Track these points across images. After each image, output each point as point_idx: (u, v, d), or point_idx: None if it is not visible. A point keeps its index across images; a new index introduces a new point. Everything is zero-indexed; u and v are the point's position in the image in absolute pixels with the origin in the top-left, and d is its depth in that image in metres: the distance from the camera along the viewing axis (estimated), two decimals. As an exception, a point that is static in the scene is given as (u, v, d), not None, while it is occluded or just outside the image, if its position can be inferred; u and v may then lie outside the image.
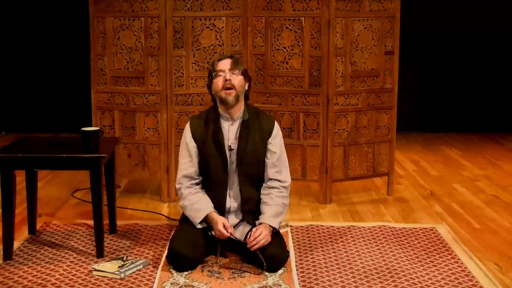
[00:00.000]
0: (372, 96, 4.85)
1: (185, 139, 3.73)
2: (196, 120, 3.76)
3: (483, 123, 7.76)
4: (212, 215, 3.58)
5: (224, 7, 4.74)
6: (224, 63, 3.66)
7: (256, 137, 3.69)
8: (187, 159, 3.71)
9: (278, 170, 3.71)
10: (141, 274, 3.48)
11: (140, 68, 4.75)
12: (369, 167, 4.96)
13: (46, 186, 5.25)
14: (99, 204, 3.65)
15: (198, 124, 3.72)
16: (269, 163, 3.71)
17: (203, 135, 3.69)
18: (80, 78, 6.27)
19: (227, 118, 3.69)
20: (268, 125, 3.73)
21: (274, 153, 3.71)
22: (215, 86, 3.65)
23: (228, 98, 3.61)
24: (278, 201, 3.65)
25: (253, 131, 3.68)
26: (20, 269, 3.53)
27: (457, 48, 7.67)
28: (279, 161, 3.72)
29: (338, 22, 4.66)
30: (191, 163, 3.71)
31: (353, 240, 4.04)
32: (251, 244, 3.45)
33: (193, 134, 3.70)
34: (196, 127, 3.71)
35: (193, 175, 3.71)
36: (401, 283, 3.38)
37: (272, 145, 3.72)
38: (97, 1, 4.75)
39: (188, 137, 3.71)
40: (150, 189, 5.17)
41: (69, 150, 3.69)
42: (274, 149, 3.71)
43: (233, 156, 3.67)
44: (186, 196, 3.67)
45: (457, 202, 4.95)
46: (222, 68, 3.64)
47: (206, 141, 3.68)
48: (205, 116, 3.75)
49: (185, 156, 3.72)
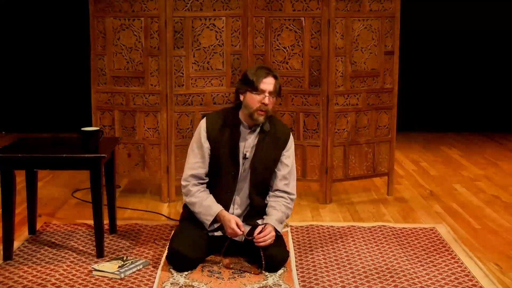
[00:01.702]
0: (372, 96, 4.85)
1: (199, 138, 3.64)
2: (212, 120, 3.66)
3: (483, 123, 7.76)
4: (223, 213, 3.55)
5: (224, 7, 4.74)
6: (269, 84, 3.55)
7: (271, 147, 3.65)
8: (198, 159, 3.65)
9: (287, 183, 3.70)
10: (141, 274, 3.48)
11: (140, 68, 4.75)
12: (369, 167, 4.96)
13: (46, 186, 5.24)
14: (99, 204, 3.65)
15: (214, 125, 3.63)
16: (279, 175, 3.68)
17: (219, 138, 3.61)
18: (80, 78, 6.26)
19: (246, 126, 3.64)
20: (284, 135, 3.70)
21: (286, 166, 3.69)
22: (250, 102, 3.55)
23: (259, 118, 3.57)
24: (284, 209, 3.65)
25: (269, 141, 3.64)
26: (20, 269, 3.53)
27: (457, 48, 7.67)
28: (290, 174, 3.71)
29: (338, 22, 4.66)
30: (202, 164, 3.64)
31: (353, 240, 4.04)
32: (259, 240, 3.44)
33: (208, 135, 3.62)
34: (212, 127, 3.62)
35: (202, 175, 3.66)
36: (401, 283, 3.38)
37: (285, 158, 3.69)
38: (97, 1, 4.75)
39: (203, 137, 3.62)
40: (150, 189, 5.17)
41: (69, 150, 3.69)
42: (287, 162, 3.69)
43: (246, 164, 3.63)
44: (195, 193, 3.62)
45: (457, 202, 4.95)
46: (265, 88, 3.54)
47: (221, 145, 3.61)
48: (222, 117, 3.65)
49: (197, 155, 3.65)
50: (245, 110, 3.59)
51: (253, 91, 3.54)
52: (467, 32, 7.61)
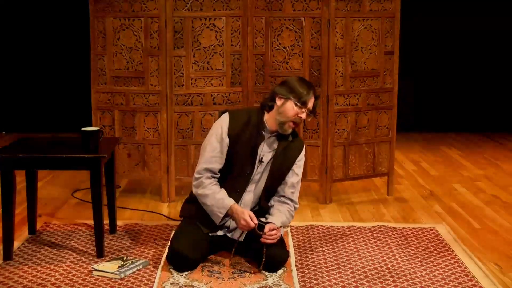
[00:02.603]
0: (372, 96, 4.85)
1: (220, 132, 3.58)
2: (236, 116, 3.63)
3: (483, 123, 7.76)
4: (236, 206, 3.53)
5: (224, 7, 4.74)
6: (310, 102, 3.54)
7: (288, 156, 3.67)
8: (216, 153, 3.59)
9: (294, 191, 3.71)
10: (141, 274, 3.48)
11: (140, 68, 4.75)
12: (369, 167, 4.96)
13: (46, 186, 5.24)
14: (99, 204, 3.65)
15: (237, 122, 3.60)
16: (289, 182, 3.68)
17: (240, 136, 3.58)
18: (80, 78, 6.26)
19: (268, 131, 3.63)
20: (299, 145, 3.72)
21: (296, 175, 3.70)
22: (289, 111, 3.53)
23: (288, 130, 3.58)
24: (288, 215, 3.67)
25: (288, 150, 3.66)
26: (20, 269, 3.53)
27: (457, 48, 7.68)
28: (297, 184, 3.73)
29: (338, 22, 4.66)
30: (219, 159, 3.60)
31: (353, 240, 4.04)
32: (269, 237, 3.43)
33: (230, 131, 3.58)
34: (235, 125, 3.59)
35: (216, 171, 3.62)
36: (401, 283, 3.38)
37: (297, 167, 3.71)
38: (97, 1, 4.75)
39: (225, 132, 3.57)
40: (150, 189, 5.17)
41: (69, 150, 3.68)
42: (298, 171, 3.71)
43: (260, 168, 3.63)
44: (207, 185, 3.57)
45: (457, 202, 4.95)
46: (309, 105, 3.54)
47: (240, 145, 3.59)
48: (247, 116, 3.63)
49: (215, 149, 3.59)
50: (278, 116, 3.56)
51: (298, 102, 3.52)
52: (467, 32, 7.62)
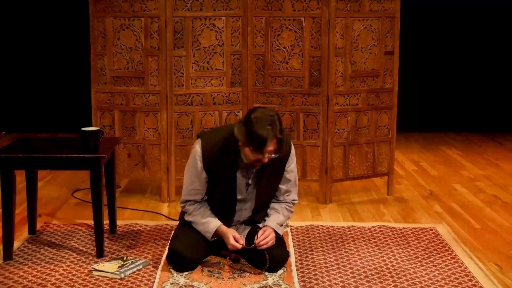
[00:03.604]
0: (372, 96, 4.85)
1: (196, 166, 3.47)
2: (209, 145, 3.46)
3: (483, 123, 7.76)
4: (221, 228, 3.51)
5: (224, 7, 4.74)
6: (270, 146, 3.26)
7: (274, 170, 3.54)
8: (196, 186, 3.53)
9: (289, 195, 3.69)
10: (141, 274, 3.48)
11: (140, 68, 4.75)
12: (369, 167, 4.95)
13: (46, 186, 5.24)
14: (99, 204, 3.65)
15: (211, 152, 3.44)
16: (282, 189, 3.64)
17: (217, 167, 3.46)
18: (80, 78, 6.26)
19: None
20: (286, 151, 3.51)
21: (288, 181, 3.64)
22: (248, 156, 3.32)
23: (257, 166, 3.41)
24: (285, 212, 3.66)
25: (272, 165, 3.45)
26: (20, 269, 3.53)
27: (457, 48, 7.67)
28: (292, 186, 3.67)
29: (338, 22, 4.66)
30: (199, 191, 3.55)
31: (353, 240, 4.04)
32: (260, 243, 3.44)
33: (205, 163, 3.45)
34: (208, 156, 3.44)
35: (199, 199, 3.59)
36: (401, 283, 3.38)
37: (287, 173, 3.60)
38: (97, 1, 4.75)
39: (200, 167, 3.46)
40: (150, 189, 5.17)
41: (69, 150, 3.69)
42: (289, 176, 3.62)
43: (250, 189, 3.55)
44: (192, 211, 3.58)
45: (457, 202, 4.95)
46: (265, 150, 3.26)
47: (219, 174, 3.48)
48: (221, 143, 3.44)
49: (194, 182, 3.53)
50: (242, 155, 3.37)
51: (254, 150, 3.28)
52: (467, 32, 7.61)
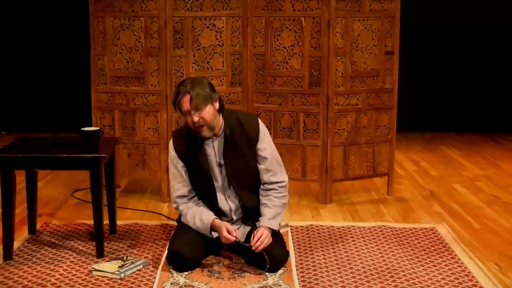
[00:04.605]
0: (372, 96, 4.85)
1: (172, 160, 3.64)
2: (177, 137, 3.64)
3: (483, 123, 7.76)
4: (214, 222, 3.53)
5: (224, 7, 4.74)
6: (185, 103, 3.42)
7: (243, 147, 3.58)
8: (179, 179, 3.64)
9: (273, 173, 3.65)
10: (141, 274, 3.48)
11: (140, 68, 4.75)
12: (369, 167, 4.96)
13: (46, 186, 5.25)
14: (99, 204, 3.65)
15: (181, 142, 3.61)
16: (262, 169, 3.63)
17: (189, 155, 3.59)
18: (80, 78, 6.27)
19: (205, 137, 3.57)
20: (253, 131, 3.60)
21: (265, 159, 3.62)
22: (187, 123, 3.50)
23: (203, 134, 3.50)
24: (277, 202, 3.63)
25: (239, 142, 3.57)
26: (20, 269, 3.53)
27: (457, 48, 7.67)
28: (272, 164, 3.64)
29: (338, 22, 4.66)
30: (184, 183, 3.64)
31: (353, 240, 4.04)
32: (255, 245, 3.44)
33: (178, 154, 3.61)
34: (179, 146, 3.61)
35: (187, 193, 3.65)
36: (401, 283, 3.38)
37: (261, 151, 3.61)
38: (97, 1, 4.75)
39: (175, 158, 3.62)
40: (150, 189, 5.17)
41: (69, 150, 3.69)
42: (264, 154, 3.62)
43: (223, 171, 3.61)
44: (186, 212, 3.62)
45: (457, 202, 4.95)
46: (185, 109, 3.43)
47: (193, 160, 3.59)
48: (186, 132, 3.59)
49: (176, 176, 3.64)
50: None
51: (179, 113, 3.49)
52: (467, 32, 7.61)
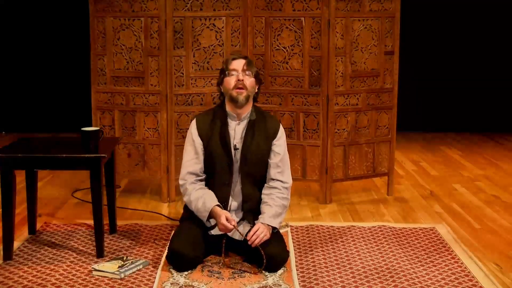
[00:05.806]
0: (372, 96, 4.85)
1: (191, 136, 3.73)
2: (202, 117, 3.77)
3: (483, 123, 7.76)
4: (215, 209, 3.57)
5: (224, 7, 4.74)
6: (238, 63, 3.66)
7: (261, 137, 3.71)
8: (193, 155, 3.72)
9: (281, 171, 3.73)
10: (141, 274, 3.48)
11: (140, 68, 4.75)
12: (369, 167, 4.96)
13: (46, 186, 5.25)
14: (99, 204, 3.65)
15: (204, 121, 3.73)
16: (272, 164, 3.72)
17: (209, 133, 3.70)
18: (80, 78, 6.27)
19: (234, 118, 3.71)
20: (274, 126, 3.76)
21: (278, 154, 3.73)
22: (227, 84, 3.66)
23: (238, 97, 3.63)
24: (278, 201, 3.66)
25: (259, 132, 3.71)
26: (20, 269, 3.53)
27: (457, 48, 7.67)
28: (282, 162, 3.75)
29: (338, 22, 4.66)
30: (197, 160, 3.72)
31: (353, 240, 4.04)
32: (251, 239, 3.45)
33: (199, 131, 3.71)
34: (202, 124, 3.72)
35: (198, 172, 3.72)
36: (401, 283, 3.38)
37: (276, 146, 3.74)
38: (97, 1, 4.75)
39: (195, 134, 3.71)
40: (150, 189, 5.17)
41: (69, 150, 3.69)
42: (278, 150, 3.74)
43: (238, 155, 3.69)
44: (191, 191, 3.67)
45: (457, 202, 4.95)
46: (235, 67, 3.66)
47: (212, 139, 3.69)
48: (212, 114, 3.76)
49: (190, 152, 3.73)
50: (227, 96, 3.68)
51: (226, 75, 3.66)
52: (467, 32, 7.61)
